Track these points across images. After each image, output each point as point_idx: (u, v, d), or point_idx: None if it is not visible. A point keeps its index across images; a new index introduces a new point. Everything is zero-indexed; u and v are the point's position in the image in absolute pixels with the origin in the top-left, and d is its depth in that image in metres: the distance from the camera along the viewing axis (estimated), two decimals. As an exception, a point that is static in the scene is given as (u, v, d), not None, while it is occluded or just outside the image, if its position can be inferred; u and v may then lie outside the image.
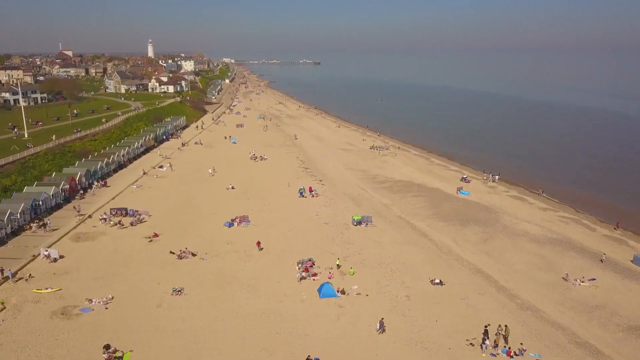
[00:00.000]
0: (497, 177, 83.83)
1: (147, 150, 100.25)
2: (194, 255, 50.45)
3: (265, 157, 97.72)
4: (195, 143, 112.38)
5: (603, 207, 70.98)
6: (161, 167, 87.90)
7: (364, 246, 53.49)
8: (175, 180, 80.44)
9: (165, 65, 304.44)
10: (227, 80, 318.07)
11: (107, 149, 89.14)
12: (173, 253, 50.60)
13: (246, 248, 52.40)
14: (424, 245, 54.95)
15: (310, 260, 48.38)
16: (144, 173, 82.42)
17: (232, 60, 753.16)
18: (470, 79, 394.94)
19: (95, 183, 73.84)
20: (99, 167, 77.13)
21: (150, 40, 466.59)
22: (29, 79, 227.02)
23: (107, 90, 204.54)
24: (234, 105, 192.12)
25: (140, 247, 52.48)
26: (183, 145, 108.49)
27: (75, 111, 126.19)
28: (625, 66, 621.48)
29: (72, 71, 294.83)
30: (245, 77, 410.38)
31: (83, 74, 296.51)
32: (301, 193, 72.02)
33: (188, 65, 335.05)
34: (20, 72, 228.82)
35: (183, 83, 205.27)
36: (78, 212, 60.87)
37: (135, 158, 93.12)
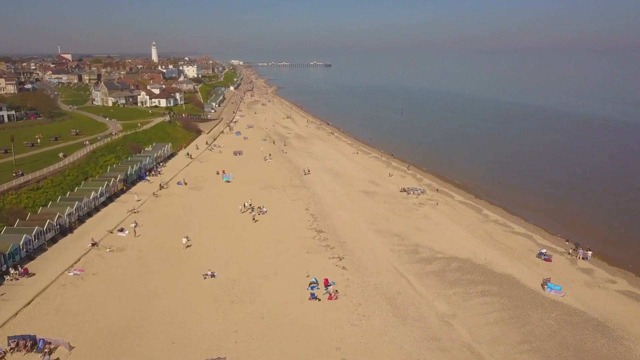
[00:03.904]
0: (589, 253, 59.08)
1: (111, 199, 76.90)
2: None
3: (265, 209, 73.90)
4: (178, 183, 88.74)
5: None
6: (121, 230, 64.48)
7: None
8: (134, 258, 56.84)
9: (165, 71, 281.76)
10: (231, 88, 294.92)
11: (49, 205, 65.67)
12: None
13: None
14: None
15: None
16: (93, 244, 58.92)
17: (241, 63, 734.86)
18: (491, 86, 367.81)
19: (12, 271, 50.50)
20: (22, 242, 53.73)
21: (153, 43, 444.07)
22: (11, 88, 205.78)
23: (94, 102, 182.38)
24: (234, 122, 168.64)
25: None
26: (161, 187, 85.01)
27: (38, 137, 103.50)
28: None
29: (64, 77, 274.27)
30: (252, 82, 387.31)
31: (76, 80, 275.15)
32: (312, 292, 48.14)
33: (190, 71, 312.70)
34: (2, 80, 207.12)
35: (177, 96, 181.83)
36: None
37: (90, 214, 69.66)
